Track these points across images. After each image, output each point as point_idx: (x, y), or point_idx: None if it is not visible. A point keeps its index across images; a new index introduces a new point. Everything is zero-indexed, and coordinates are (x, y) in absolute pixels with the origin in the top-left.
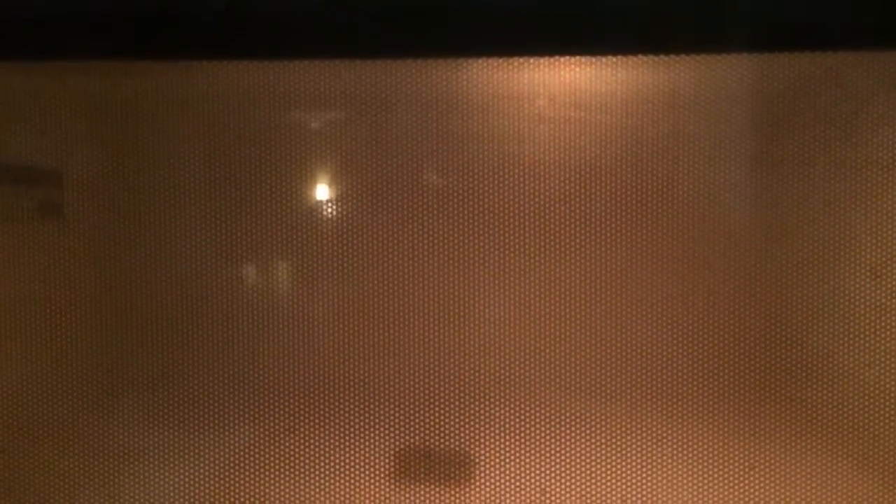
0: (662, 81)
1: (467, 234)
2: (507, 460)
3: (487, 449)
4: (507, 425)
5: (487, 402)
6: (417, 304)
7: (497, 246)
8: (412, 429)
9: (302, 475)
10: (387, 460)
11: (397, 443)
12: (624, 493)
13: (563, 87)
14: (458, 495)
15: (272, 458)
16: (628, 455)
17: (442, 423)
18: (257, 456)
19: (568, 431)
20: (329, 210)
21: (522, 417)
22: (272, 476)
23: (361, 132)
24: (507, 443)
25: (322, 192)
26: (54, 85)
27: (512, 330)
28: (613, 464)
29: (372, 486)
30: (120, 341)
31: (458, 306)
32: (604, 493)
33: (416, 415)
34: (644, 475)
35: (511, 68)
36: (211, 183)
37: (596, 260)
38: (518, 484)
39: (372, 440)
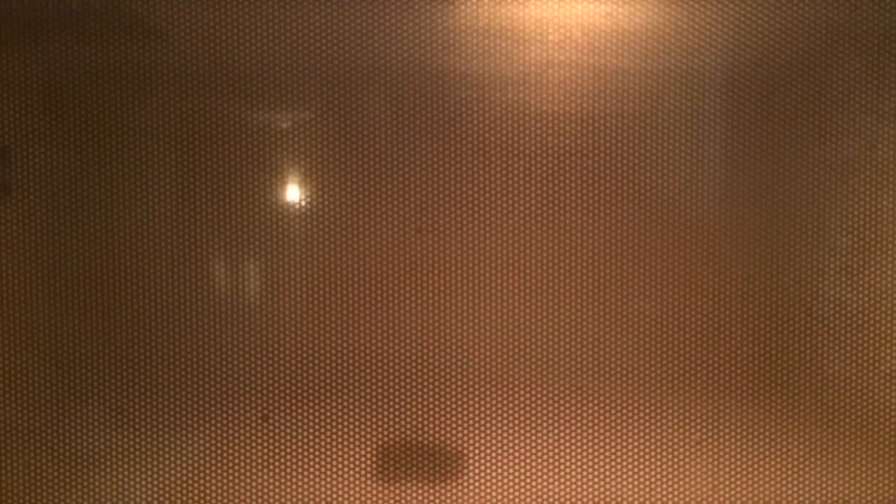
0: (690, 20)
1: (463, 195)
2: (505, 452)
3: (484, 441)
4: (504, 416)
5: (485, 390)
6: (406, 277)
7: (497, 208)
8: (405, 421)
9: (288, 470)
10: (379, 454)
11: (389, 436)
12: (632, 482)
13: (575, 26)
14: (455, 490)
15: (255, 454)
16: (634, 444)
17: (437, 414)
18: (239, 452)
19: (569, 422)
20: (308, 176)
21: (520, 408)
22: (255, 472)
23: (342, 76)
24: (504, 435)
25: (297, 156)
26: None
27: (514, 303)
28: (617, 453)
29: (366, 481)
30: (84, 332)
31: (451, 280)
32: (609, 482)
33: (410, 406)
34: (650, 464)
35: (515, 3)
36: (180, 146)
37: (610, 228)
38: (518, 478)
39: (364, 433)
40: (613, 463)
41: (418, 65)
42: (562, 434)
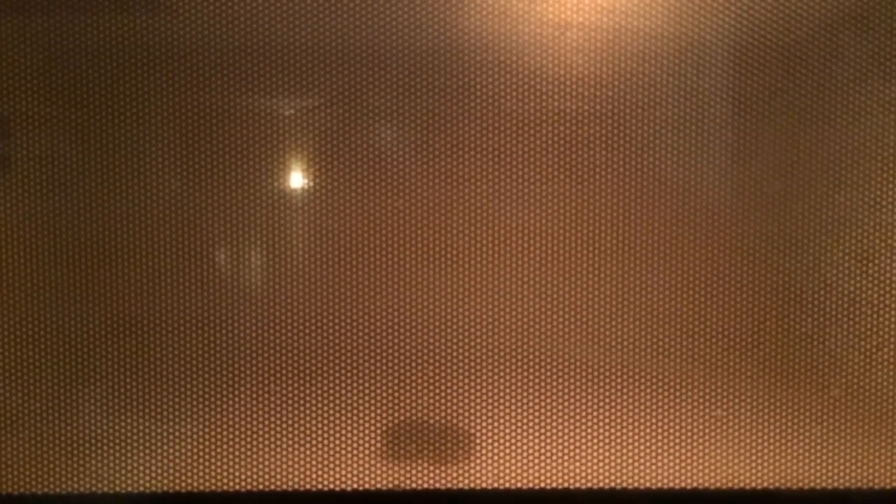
0: None
1: (475, 163)
2: (521, 432)
3: (501, 422)
4: (521, 395)
5: (504, 370)
6: (412, 250)
7: (510, 177)
8: (413, 405)
9: (296, 451)
10: (388, 435)
11: (397, 418)
12: (652, 459)
13: None
14: (467, 471)
15: (263, 437)
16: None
17: (449, 397)
18: (247, 435)
19: (586, 400)
20: (317, 150)
21: (537, 386)
22: (263, 455)
23: (348, 39)
24: (519, 414)
25: (304, 126)
26: None
27: (529, 277)
28: (636, 430)
29: (369, 461)
30: (87, 313)
31: (460, 253)
32: (628, 460)
33: (418, 390)
34: (671, 440)
35: None
36: (187, 126)
37: (629, 199)
38: (534, 458)
39: (372, 415)
40: (633, 440)
41: (428, 25)
42: (579, 412)
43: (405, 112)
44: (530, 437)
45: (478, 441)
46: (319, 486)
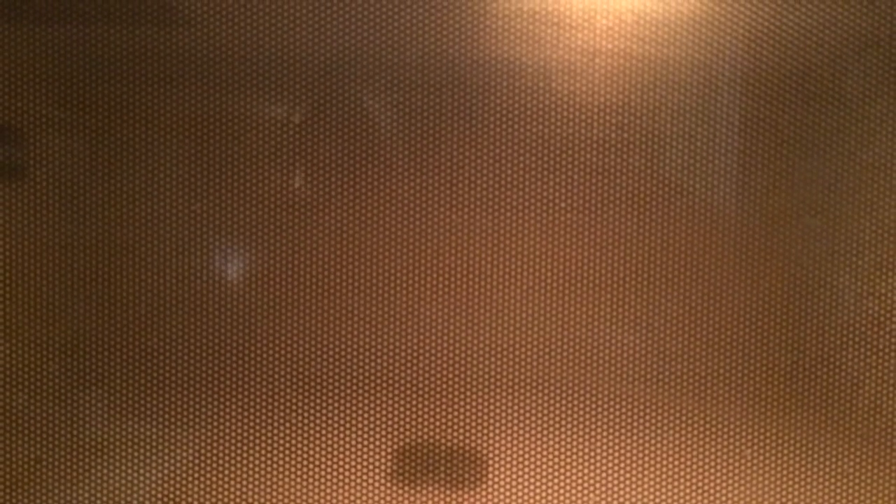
0: (748, 10)
1: (499, 189)
2: (528, 460)
3: (504, 448)
4: (529, 422)
5: (511, 395)
6: (428, 273)
7: (536, 204)
8: (415, 424)
9: (293, 473)
10: (389, 456)
11: (398, 438)
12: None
13: (625, 13)
14: (469, 497)
15: (259, 455)
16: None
17: (452, 417)
18: (242, 453)
19: (600, 431)
20: (334, 169)
21: (549, 414)
22: (260, 475)
23: (373, 63)
24: (528, 442)
25: (321, 147)
26: None
27: (547, 302)
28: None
29: (373, 486)
30: (88, 320)
31: (477, 277)
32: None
33: (420, 408)
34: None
35: None
36: (197, 136)
37: (653, 227)
38: (545, 489)
39: (373, 434)
40: (654, 475)
41: (457, 51)
42: (593, 443)
43: (427, 134)
44: (546, 467)
45: (491, 470)
46: None
